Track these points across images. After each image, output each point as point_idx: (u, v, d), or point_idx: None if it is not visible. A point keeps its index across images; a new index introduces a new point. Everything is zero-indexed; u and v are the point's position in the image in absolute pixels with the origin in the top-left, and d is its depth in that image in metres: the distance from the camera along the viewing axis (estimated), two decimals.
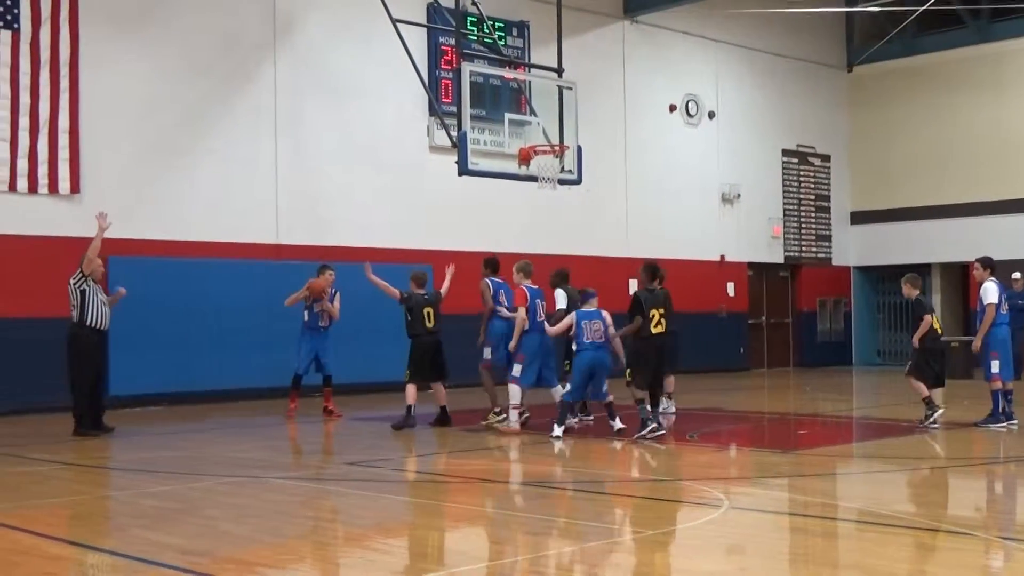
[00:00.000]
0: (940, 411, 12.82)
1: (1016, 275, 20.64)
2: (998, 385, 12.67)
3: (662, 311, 11.92)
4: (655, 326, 11.84)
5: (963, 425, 13.25)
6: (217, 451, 11.49)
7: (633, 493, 9.13)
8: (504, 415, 12.91)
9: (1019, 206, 24.07)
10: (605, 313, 12.06)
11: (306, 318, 14.55)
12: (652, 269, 12.23)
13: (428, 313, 13.27)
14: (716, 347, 23.35)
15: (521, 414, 12.76)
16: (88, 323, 12.62)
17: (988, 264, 13.01)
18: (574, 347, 12.14)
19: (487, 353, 13.26)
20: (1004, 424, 12.64)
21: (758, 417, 15.81)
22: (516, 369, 12.70)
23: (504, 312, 13.13)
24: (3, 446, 11.89)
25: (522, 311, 12.66)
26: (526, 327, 12.68)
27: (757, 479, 9.72)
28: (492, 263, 13.55)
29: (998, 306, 12.62)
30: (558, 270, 14.03)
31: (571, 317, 12.11)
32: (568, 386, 12.53)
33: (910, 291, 13.12)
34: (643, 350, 11.96)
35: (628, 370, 12.14)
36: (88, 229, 15.78)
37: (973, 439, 12.31)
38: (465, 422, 13.60)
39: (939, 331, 13.16)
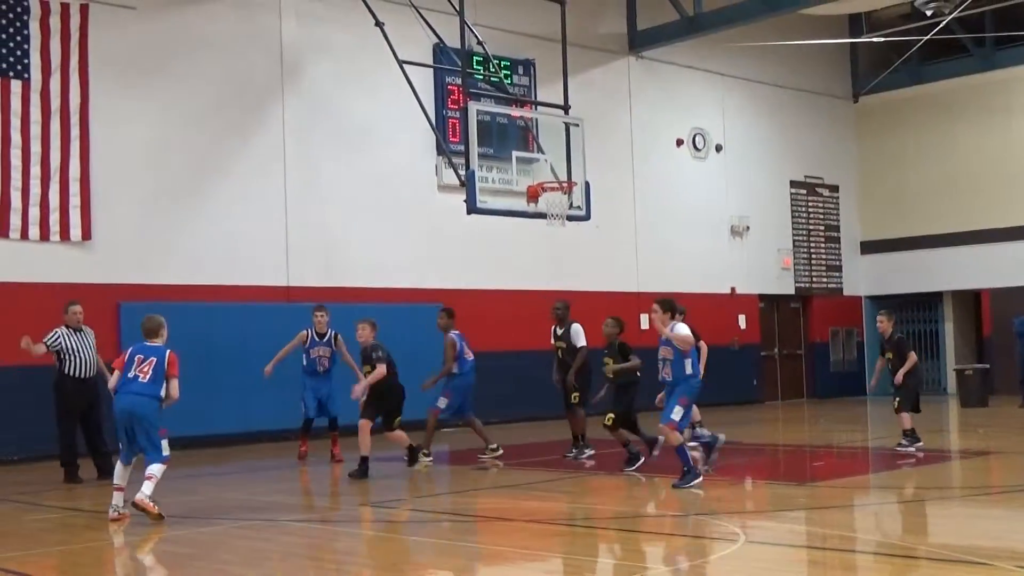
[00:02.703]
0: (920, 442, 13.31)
1: None
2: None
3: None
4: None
5: (979, 454, 13.17)
6: (230, 495, 11.46)
7: (648, 529, 9.08)
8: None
9: None
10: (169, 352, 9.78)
11: (304, 362, 14.31)
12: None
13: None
14: (729, 380, 23.24)
15: None
16: (67, 372, 12.78)
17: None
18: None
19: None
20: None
21: (773, 449, 15.73)
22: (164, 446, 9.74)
23: None
24: (18, 494, 11.89)
25: None
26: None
27: (773, 512, 9.66)
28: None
29: None
30: (565, 303, 14.01)
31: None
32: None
33: (888, 326, 13.63)
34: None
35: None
36: (101, 275, 15.93)
37: (990, 467, 12.22)
38: (468, 461, 13.56)
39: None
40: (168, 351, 9.78)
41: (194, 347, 16.51)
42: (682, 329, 10.82)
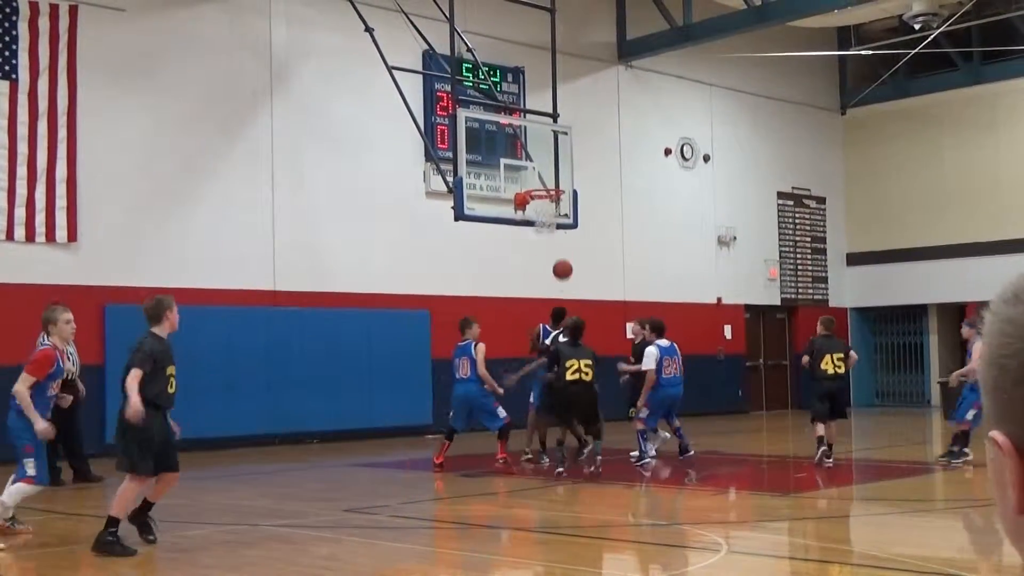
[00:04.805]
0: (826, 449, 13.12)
1: None
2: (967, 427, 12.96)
3: (586, 361, 12.21)
4: (572, 374, 12.10)
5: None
6: (214, 499, 11.43)
7: (631, 538, 9.09)
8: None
9: (1014, 246, 24.11)
10: None
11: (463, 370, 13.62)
12: (568, 321, 12.88)
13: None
14: (714, 390, 23.29)
15: None
16: None
17: (973, 324, 13.45)
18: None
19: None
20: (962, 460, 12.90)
21: (756, 460, 15.76)
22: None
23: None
24: None
25: None
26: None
27: (756, 522, 9.68)
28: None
29: None
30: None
31: None
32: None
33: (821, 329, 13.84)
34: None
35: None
36: (86, 278, 15.87)
37: (973, 480, 12.26)
38: (462, 467, 13.54)
39: (828, 371, 13.82)
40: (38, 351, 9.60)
41: (179, 350, 16.42)
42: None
